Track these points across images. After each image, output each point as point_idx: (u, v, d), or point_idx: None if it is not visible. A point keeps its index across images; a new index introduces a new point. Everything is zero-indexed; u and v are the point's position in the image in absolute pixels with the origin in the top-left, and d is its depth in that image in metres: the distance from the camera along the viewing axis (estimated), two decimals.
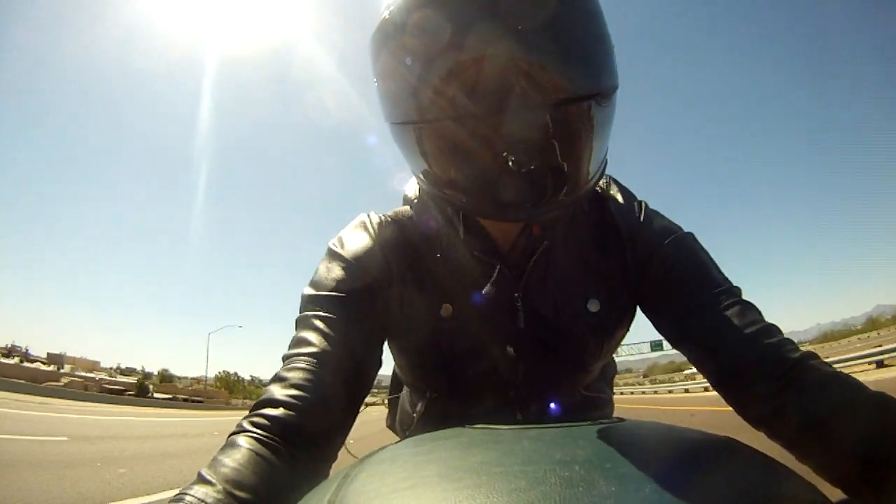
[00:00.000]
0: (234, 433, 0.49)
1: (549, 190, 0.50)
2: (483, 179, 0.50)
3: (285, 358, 0.56)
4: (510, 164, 0.46)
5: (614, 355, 0.84)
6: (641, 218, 0.68)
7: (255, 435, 0.48)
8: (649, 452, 0.31)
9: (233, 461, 0.44)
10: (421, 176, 0.56)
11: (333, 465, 0.54)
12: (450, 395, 0.73)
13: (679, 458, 0.31)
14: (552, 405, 0.70)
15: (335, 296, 0.60)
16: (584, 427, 0.37)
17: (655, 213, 0.70)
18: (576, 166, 0.50)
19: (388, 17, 0.49)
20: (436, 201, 0.66)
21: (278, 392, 0.51)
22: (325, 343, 0.56)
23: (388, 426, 1.18)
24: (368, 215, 0.69)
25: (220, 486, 0.41)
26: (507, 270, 0.65)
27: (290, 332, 0.60)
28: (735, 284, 0.63)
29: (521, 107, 0.45)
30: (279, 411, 0.50)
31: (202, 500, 0.40)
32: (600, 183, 0.70)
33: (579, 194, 0.53)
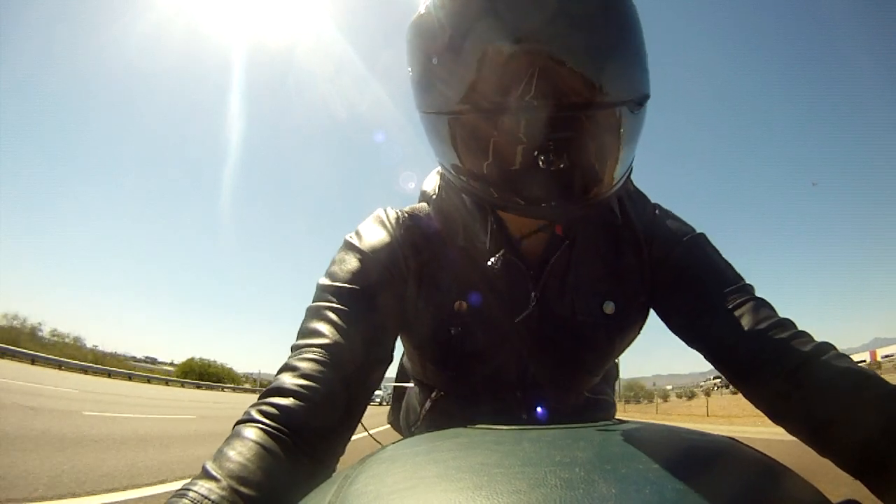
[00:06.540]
0: (240, 422, 0.49)
1: (576, 190, 0.51)
2: (513, 174, 0.50)
3: (295, 347, 0.56)
4: (540, 161, 0.47)
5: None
6: (656, 219, 0.69)
7: (261, 425, 0.47)
8: (649, 454, 0.31)
9: (238, 455, 0.44)
10: (450, 168, 0.56)
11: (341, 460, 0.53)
12: (456, 394, 0.73)
13: (679, 459, 0.31)
14: (557, 407, 0.70)
15: (350, 288, 0.60)
16: (584, 429, 0.37)
17: (668, 213, 0.71)
18: (604, 169, 0.51)
19: (429, 4, 0.49)
20: (462, 194, 0.66)
21: (288, 381, 0.51)
22: (338, 335, 0.56)
23: (389, 422, 1.17)
24: (385, 210, 0.69)
25: (224, 483, 0.41)
26: (527, 269, 0.65)
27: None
28: (748, 283, 0.64)
29: (555, 106, 0.46)
30: (288, 401, 0.49)
31: (206, 497, 0.39)
32: None
33: (606, 196, 0.53)
